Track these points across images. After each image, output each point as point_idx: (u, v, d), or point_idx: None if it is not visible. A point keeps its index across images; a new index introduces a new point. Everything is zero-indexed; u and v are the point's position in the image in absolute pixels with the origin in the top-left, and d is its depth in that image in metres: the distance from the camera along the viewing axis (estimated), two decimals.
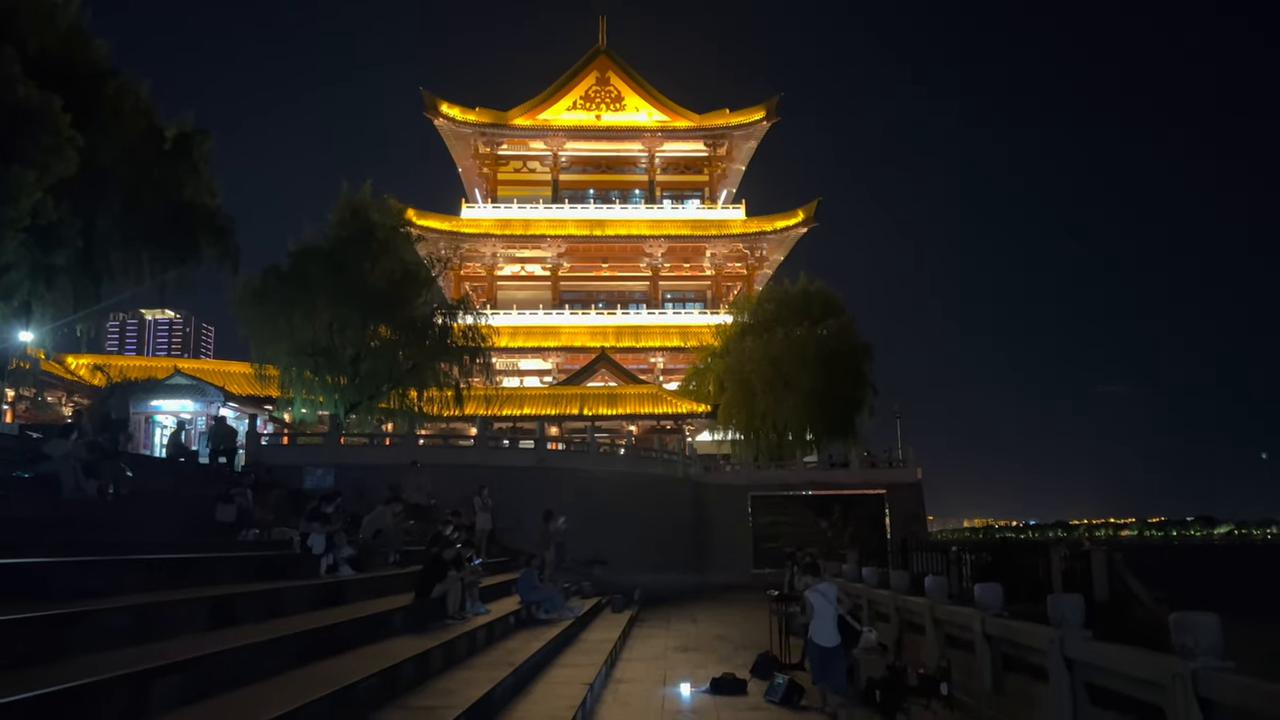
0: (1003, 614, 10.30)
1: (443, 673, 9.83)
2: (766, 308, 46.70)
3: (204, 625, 8.25)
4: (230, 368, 38.15)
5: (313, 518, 13.34)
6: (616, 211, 61.95)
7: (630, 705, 11.55)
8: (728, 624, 21.58)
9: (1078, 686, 7.88)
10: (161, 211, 24.69)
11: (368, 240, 31.65)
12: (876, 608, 15.27)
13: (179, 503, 16.51)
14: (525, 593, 16.49)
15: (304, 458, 27.05)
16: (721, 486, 38.62)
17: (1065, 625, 8.10)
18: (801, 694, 11.55)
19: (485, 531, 21.26)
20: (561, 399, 46.14)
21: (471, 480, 22.85)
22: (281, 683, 7.33)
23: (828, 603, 11.02)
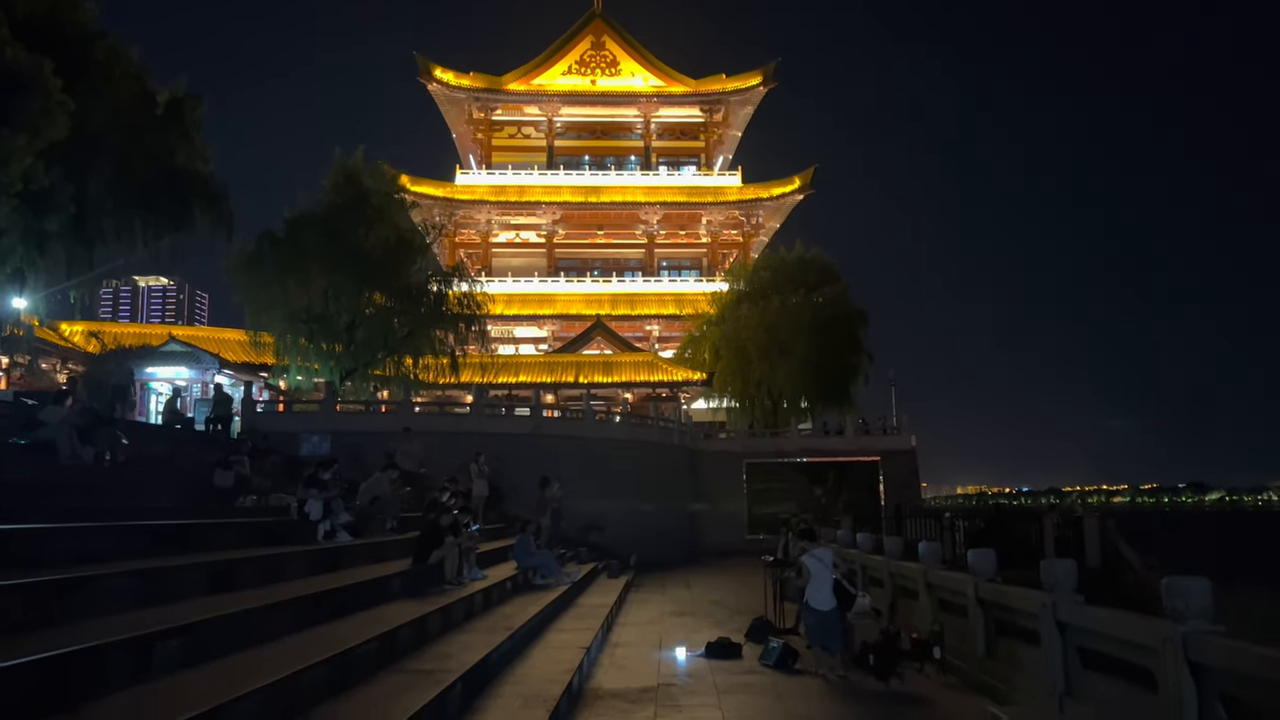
0: (996, 579, 10.39)
1: (440, 637, 9.92)
2: (762, 275, 46.61)
3: (203, 590, 8.30)
4: (225, 335, 38.00)
5: (310, 484, 13.38)
6: (612, 178, 61.60)
7: (627, 669, 11.67)
8: (722, 589, 21.76)
9: (1070, 650, 7.96)
10: (154, 177, 24.50)
11: (362, 207, 31.44)
12: (870, 573, 15.39)
13: (176, 469, 16.52)
14: (521, 558, 16.60)
15: (300, 424, 27.01)
16: (717, 453, 38.82)
17: (1058, 590, 8.17)
18: (795, 658, 11.67)
19: (482, 498, 21.33)
20: (557, 367, 46.13)
21: (467, 447, 22.90)
22: (281, 646, 7.39)
23: (824, 567, 11.12)
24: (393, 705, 6.60)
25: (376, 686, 7.35)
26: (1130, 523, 29.66)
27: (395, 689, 7.26)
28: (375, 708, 6.59)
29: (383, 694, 7.09)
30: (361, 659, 7.70)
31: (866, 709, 9.42)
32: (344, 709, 6.58)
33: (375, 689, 7.27)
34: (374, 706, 6.63)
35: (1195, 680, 6.06)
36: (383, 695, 7.03)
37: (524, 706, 8.00)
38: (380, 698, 6.95)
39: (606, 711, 9.24)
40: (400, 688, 7.31)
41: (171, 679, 5.98)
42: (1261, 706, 5.65)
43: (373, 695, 7.06)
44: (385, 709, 6.51)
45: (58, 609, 6.39)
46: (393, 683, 7.55)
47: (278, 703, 6.07)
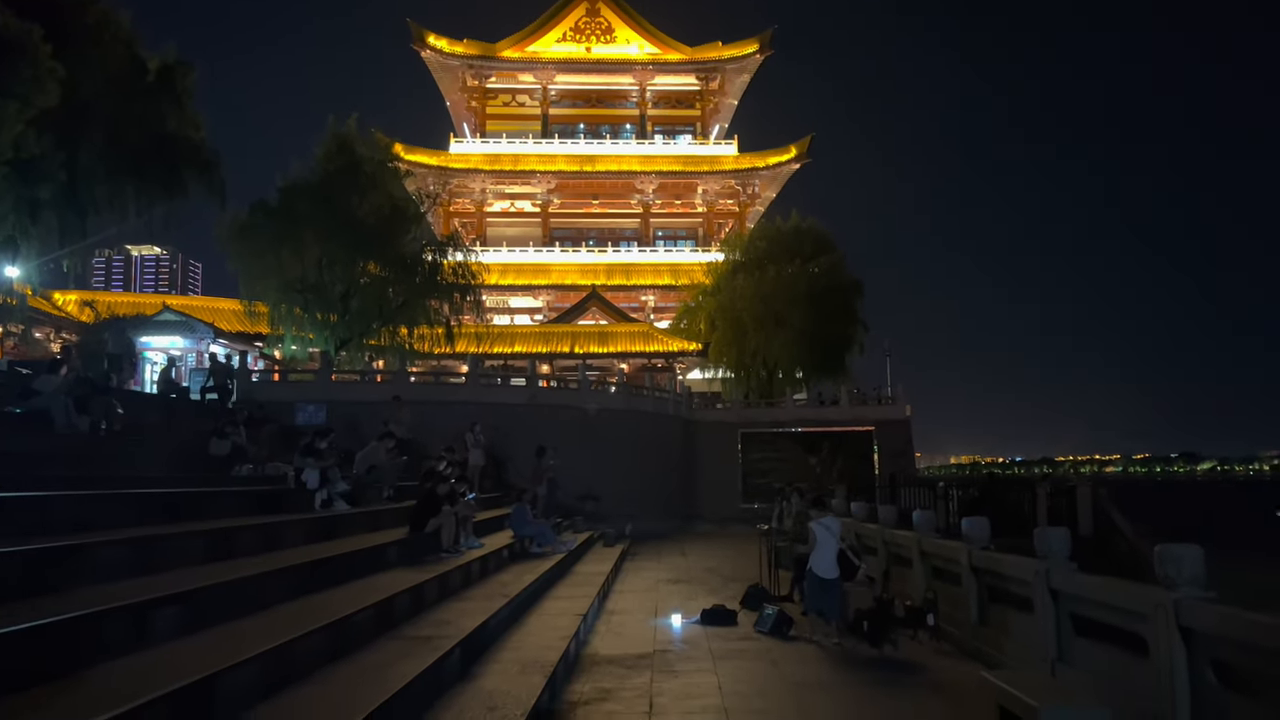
0: (989, 547, 10.46)
1: (438, 604, 9.97)
2: (758, 245, 46.49)
3: (201, 558, 8.32)
4: (220, 304, 37.91)
5: (306, 453, 13.39)
6: (607, 147, 61.25)
7: (623, 635, 11.76)
8: (717, 557, 21.90)
9: (1062, 617, 8.04)
10: (146, 145, 24.33)
11: (355, 175, 31.25)
12: (865, 541, 15.47)
13: (172, 438, 16.50)
14: (518, 527, 16.67)
15: (295, 394, 27.05)
16: (712, 423, 38.91)
17: (1051, 558, 8.23)
18: (790, 624, 11.77)
19: (478, 467, 21.36)
20: (553, 337, 46.11)
21: (463, 417, 22.90)
22: (279, 614, 7.43)
23: (831, 536, 11.19)
24: (391, 671, 6.65)
25: (375, 653, 7.40)
26: (1122, 492, 29.86)
27: (393, 655, 7.30)
28: (374, 673, 6.63)
29: (381, 660, 7.13)
30: (359, 626, 7.74)
31: (860, 675, 9.50)
32: (343, 674, 6.62)
33: (374, 655, 7.31)
34: (372, 672, 6.68)
35: (1186, 646, 6.13)
36: (381, 661, 7.08)
37: (522, 672, 8.07)
38: (379, 664, 6.99)
39: (604, 677, 9.32)
40: (398, 654, 7.35)
41: (170, 646, 6.01)
42: (1252, 672, 5.72)
43: (371, 661, 7.11)
44: (384, 675, 6.56)
45: (54, 576, 6.40)
46: (391, 649, 7.59)
47: (277, 669, 6.11)
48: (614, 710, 8.01)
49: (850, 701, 8.39)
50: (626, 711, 7.95)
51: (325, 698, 6.04)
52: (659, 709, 8.03)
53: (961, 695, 8.27)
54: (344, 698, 5.98)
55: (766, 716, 7.76)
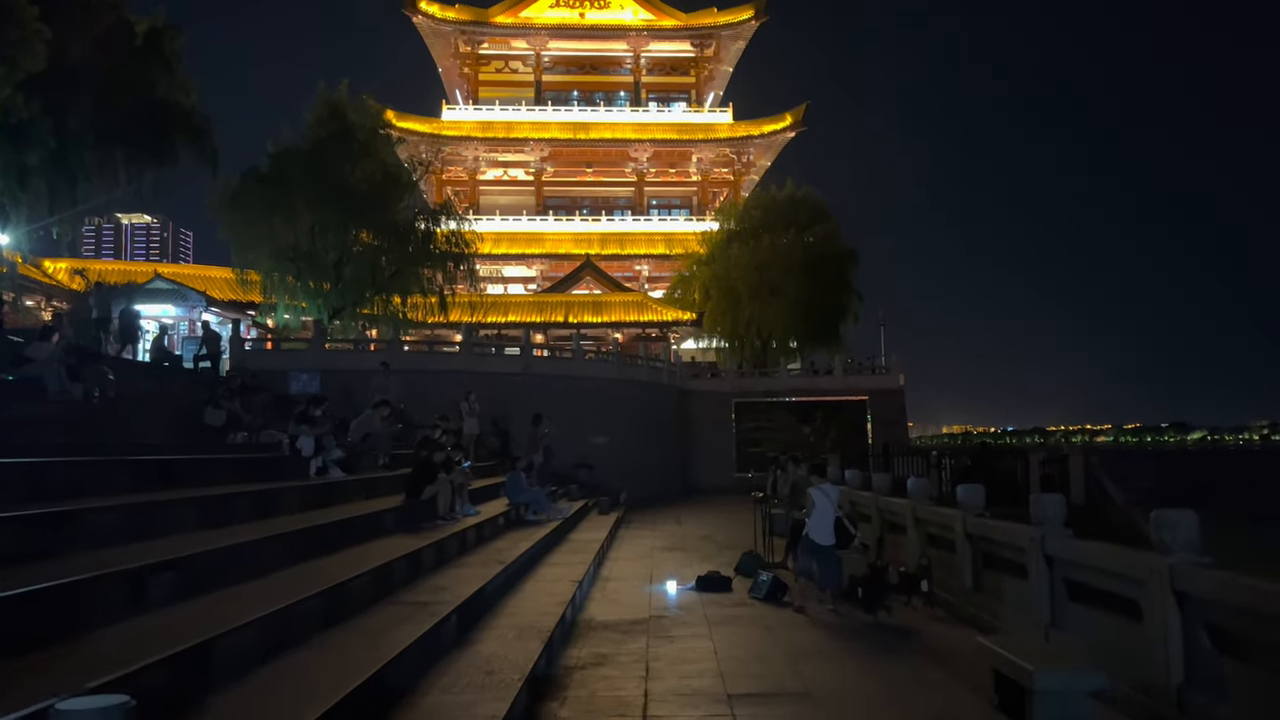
0: (984, 514, 10.50)
1: (435, 570, 9.98)
2: (753, 214, 46.33)
3: (196, 524, 8.29)
4: (212, 273, 37.67)
5: (301, 420, 13.34)
6: (601, 114, 60.74)
7: (618, 601, 11.81)
8: (712, 525, 21.99)
9: (1056, 582, 8.08)
10: (135, 111, 24.03)
11: (347, 141, 30.94)
12: (859, 509, 15.52)
13: (165, 406, 16.42)
14: (513, 495, 16.69)
15: (288, 363, 26.96)
16: (706, 393, 39.00)
17: (1046, 524, 8.26)
18: (785, 591, 11.82)
19: (473, 436, 21.38)
20: (546, 306, 45.99)
21: (456, 386, 22.87)
22: (276, 579, 7.42)
23: (829, 503, 11.21)
24: (389, 636, 6.66)
25: (372, 618, 7.41)
26: (1113, 461, 30.03)
27: (391, 620, 7.32)
28: (371, 638, 6.63)
29: (378, 625, 7.14)
30: (356, 592, 7.75)
31: (855, 640, 9.56)
32: (340, 639, 6.63)
33: (371, 620, 7.32)
34: (370, 637, 6.68)
35: (1181, 611, 6.16)
36: (379, 626, 7.09)
37: (519, 637, 8.09)
38: (376, 629, 7.00)
39: (600, 643, 9.36)
40: (396, 619, 7.37)
41: (166, 611, 5.99)
42: (1247, 636, 5.75)
43: (369, 626, 7.12)
44: (381, 640, 6.56)
45: (49, 542, 6.37)
46: (388, 614, 7.61)
47: (274, 634, 6.11)
48: (610, 675, 8.05)
49: (846, 666, 8.45)
50: (623, 676, 7.99)
51: (323, 662, 6.05)
52: (655, 673, 8.08)
53: (956, 660, 8.33)
54: (342, 662, 5.98)
55: (763, 681, 7.80)
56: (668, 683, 7.74)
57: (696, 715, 6.82)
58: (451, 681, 6.68)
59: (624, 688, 7.59)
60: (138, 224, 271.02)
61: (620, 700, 7.22)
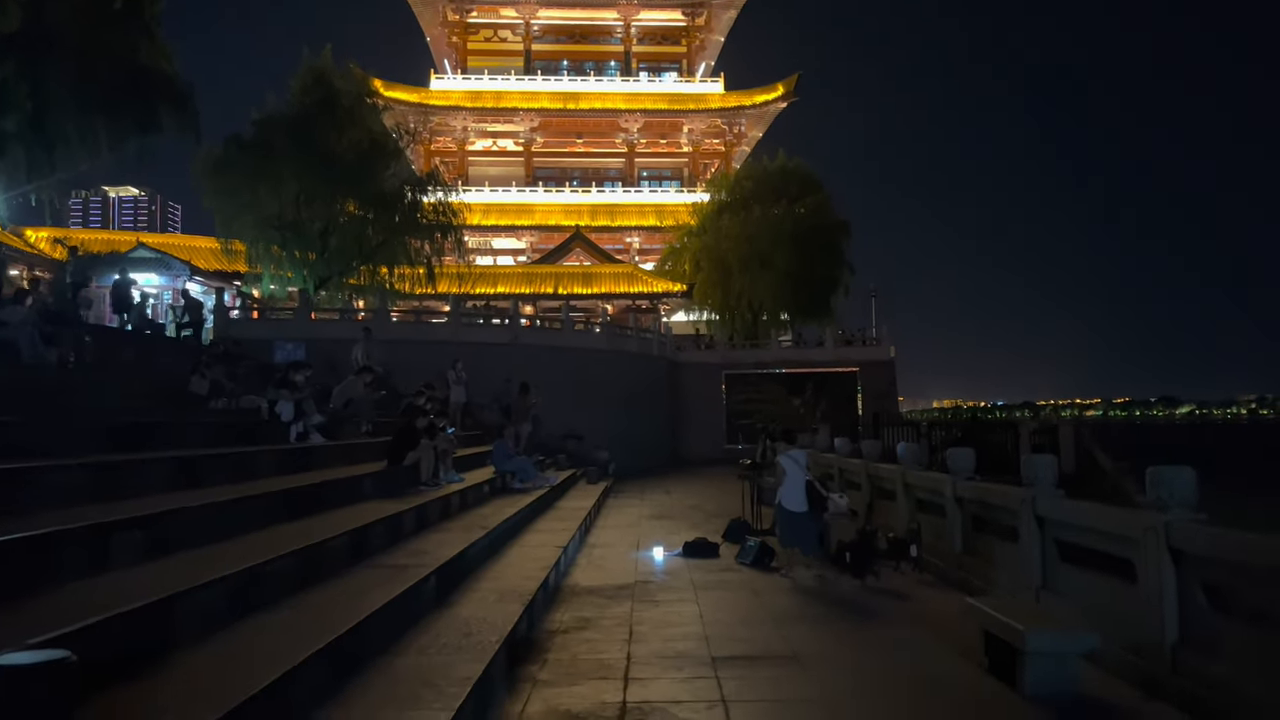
0: (974, 477, 10.36)
1: (415, 535, 9.80)
2: (744, 185, 45.96)
3: (166, 486, 8.08)
4: (197, 242, 37.17)
5: (280, 385, 13.09)
6: (591, 84, 60.07)
7: (604, 567, 11.67)
8: (701, 495, 21.88)
9: (1048, 544, 7.92)
10: (116, 77, 23.52)
11: (332, 109, 30.48)
12: (848, 476, 15.42)
13: (145, 373, 16.17)
14: (499, 463, 16.50)
15: (274, 332, 26.69)
16: (696, 365, 38.85)
17: (1038, 485, 8.10)
18: (772, 556, 11.69)
19: (459, 405, 21.17)
20: (536, 278, 45.63)
21: (443, 357, 22.61)
22: (248, 540, 7.22)
23: (798, 468, 11.03)
24: (364, 597, 6.46)
25: (348, 580, 7.22)
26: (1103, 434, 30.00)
27: (368, 582, 7.13)
28: (346, 599, 6.44)
29: (354, 587, 6.96)
30: (332, 553, 7.56)
31: (842, 604, 9.43)
32: (313, 600, 6.44)
33: (347, 582, 7.14)
34: (345, 598, 6.49)
35: (1176, 569, 6.01)
36: (354, 588, 6.90)
37: (499, 600, 7.92)
38: (352, 590, 6.82)
39: (583, 607, 9.21)
40: (373, 582, 7.18)
41: (131, 570, 5.80)
42: (1243, 594, 5.60)
43: (344, 588, 6.93)
44: (356, 601, 6.36)
45: (10, 499, 6.16)
46: (365, 576, 7.42)
47: (243, 593, 5.92)
48: (593, 638, 7.89)
49: (833, 630, 8.30)
50: (606, 639, 7.83)
51: (294, 622, 5.86)
52: (639, 637, 7.92)
53: (945, 623, 8.19)
54: (313, 622, 5.79)
55: (748, 644, 7.65)
56: (651, 646, 7.59)
57: (680, 678, 6.66)
58: (428, 643, 6.51)
59: (606, 651, 7.43)
60: (125, 197, 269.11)
61: (602, 663, 7.06)
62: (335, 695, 5.22)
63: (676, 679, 6.62)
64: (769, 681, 6.59)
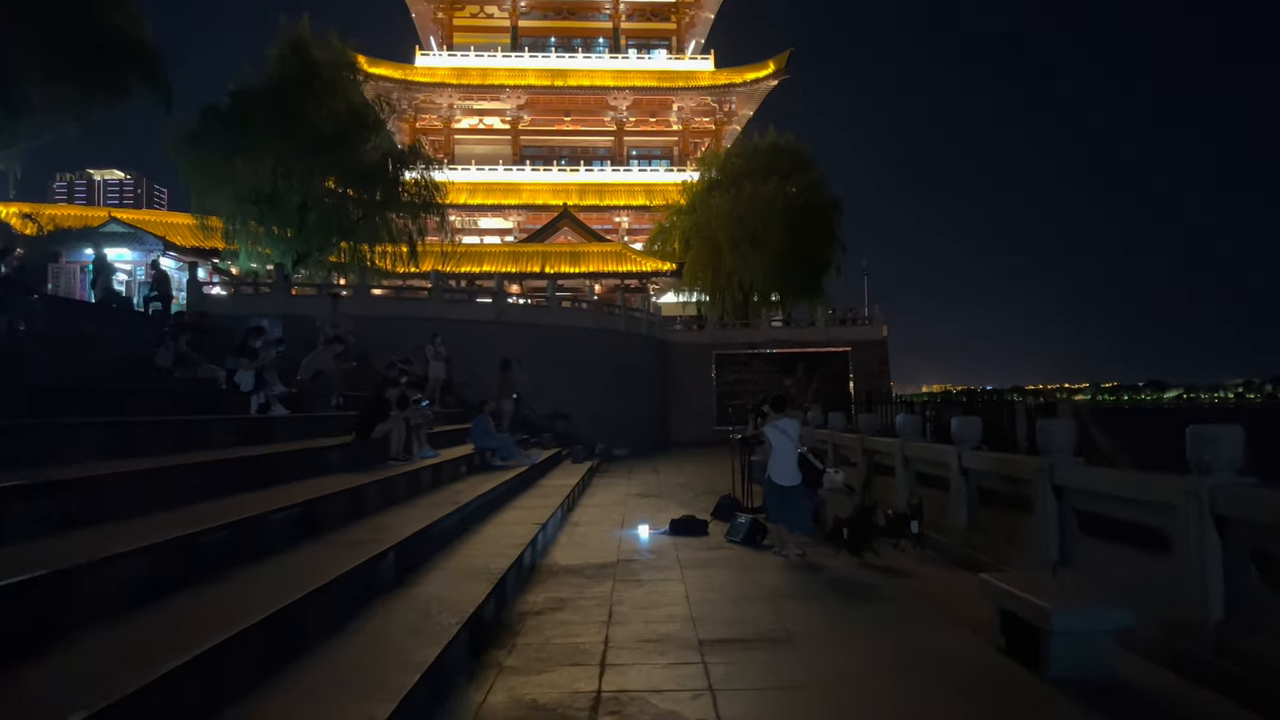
0: (980, 447, 9.69)
1: (380, 511, 9.08)
2: (735, 163, 45.05)
3: (100, 454, 7.34)
4: (173, 219, 36.15)
5: (240, 353, 12.32)
6: (579, 61, 58.95)
7: (586, 546, 10.98)
8: (690, 474, 21.26)
9: (1067, 516, 7.25)
10: (83, 43, 22.66)
11: (311, 80, 29.53)
12: (842, 452, 14.74)
13: (107, 345, 15.35)
14: (479, 440, 15.80)
15: (250, 308, 25.83)
16: (686, 345, 38.15)
17: (1056, 452, 7.43)
18: (764, 534, 11.01)
19: (439, 381, 20.39)
20: (522, 256, 44.76)
21: (426, 334, 21.82)
22: (189, 512, 6.50)
23: (788, 440, 10.32)
24: (309, 575, 5.75)
25: (294, 556, 6.52)
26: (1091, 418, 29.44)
27: (318, 558, 6.43)
28: (289, 575, 5.73)
29: (301, 564, 6.25)
30: (279, 527, 6.86)
31: (840, 583, 8.74)
32: (252, 575, 5.74)
33: (293, 559, 6.43)
34: (288, 574, 5.78)
35: (1222, 538, 5.33)
36: (301, 565, 6.19)
37: (466, 579, 7.22)
38: (298, 567, 6.11)
39: (561, 587, 8.52)
40: (324, 557, 6.48)
41: (32, 543, 5.07)
42: None
43: (290, 563, 6.24)
44: (301, 577, 5.66)
45: None
46: (317, 552, 6.72)
47: (169, 566, 5.23)
48: (568, 620, 7.19)
49: (831, 609, 7.61)
50: (583, 622, 7.13)
51: (224, 597, 5.16)
52: (619, 618, 7.22)
53: (953, 601, 7.53)
54: (248, 599, 5.08)
55: (739, 625, 6.96)
56: (632, 628, 6.89)
57: (663, 663, 5.96)
58: (380, 626, 5.81)
59: (582, 634, 6.73)
60: (110, 180, 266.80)
61: (576, 648, 6.36)
62: (261, 685, 4.51)
63: (659, 665, 5.93)
64: (761, 666, 5.90)
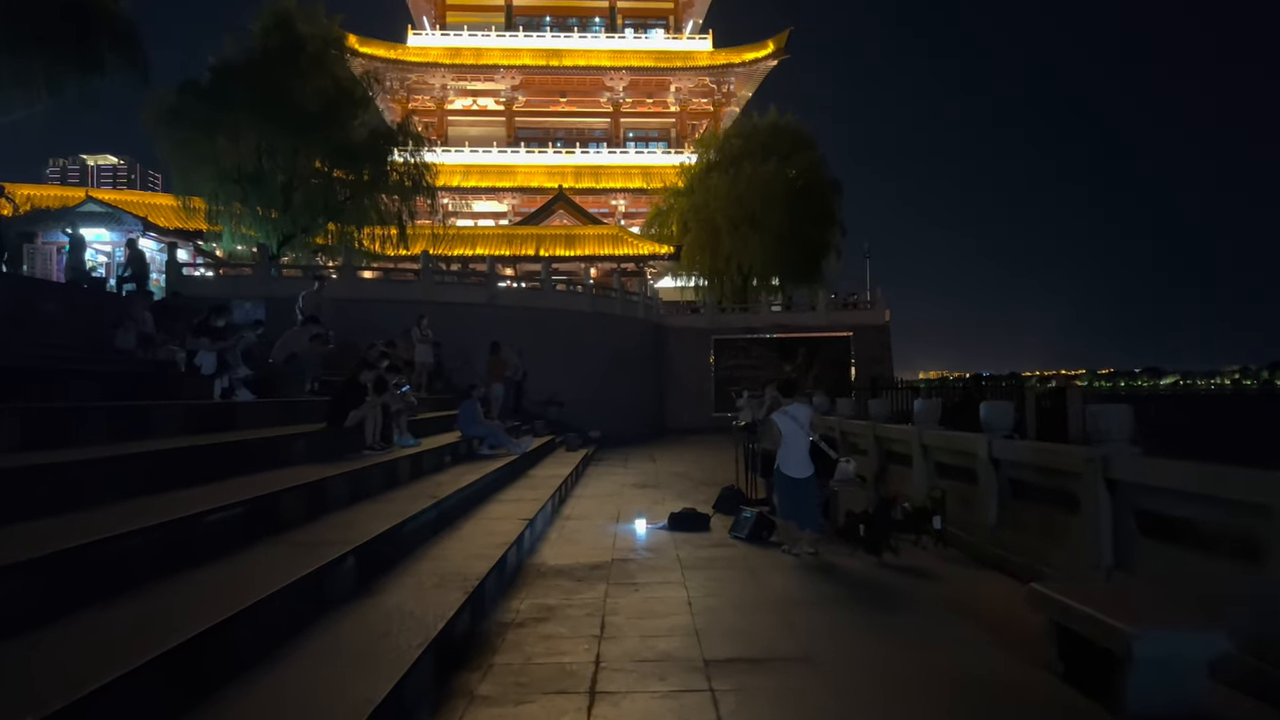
0: (1013, 436, 8.80)
1: (348, 506, 8.18)
2: (733, 143, 44.00)
3: (19, 444, 6.43)
4: (156, 199, 35.12)
5: (200, 332, 11.39)
6: (575, 41, 57.72)
7: (577, 543, 10.08)
8: (688, 462, 20.37)
9: (1123, 514, 6.36)
10: (53, 12, 21.60)
11: (296, 54, 28.47)
12: (851, 440, 13.87)
13: (65, 327, 14.42)
14: (466, 427, 14.89)
15: (231, 290, 24.93)
16: (684, 329, 37.27)
17: (1109, 441, 6.53)
18: (771, 529, 10.12)
19: (426, 365, 19.46)
20: (516, 239, 43.72)
21: (414, 318, 20.89)
22: (123, 509, 5.62)
23: (799, 427, 9.39)
24: (251, 585, 4.87)
25: (237, 561, 5.62)
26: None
27: (263, 565, 5.54)
28: (222, 589, 4.85)
29: (242, 571, 5.37)
30: (222, 527, 5.95)
31: (859, 587, 7.84)
32: (176, 587, 4.84)
33: (234, 565, 5.54)
34: (221, 587, 4.90)
35: None
36: (242, 573, 5.32)
37: (438, 586, 6.32)
38: (237, 576, 5.23)
39: (548, 591, 7.62)
40: (270, 562, 5.60)
41: None
42: None
43: (227, 572, 5.34)
44: (236, 590, 4.78)
45: None
46: (263, 556, 5.82)
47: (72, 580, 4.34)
48: (555, 633, 6.29)
49: (853, 621, 6.71)
50: (571, 635, 6.23)
51: (134, 618, 4.26)
52: (613, 631, 6.32)
53: (986, 611, 6.66)
54: (163, 618, 4.21)
55: (750, 641, 6.08)
56: (627, 644, 5.99)
57: (663, 690, 5.06)
58: (329, 646, 4.90)
59: (569, 651, 5.83)
60: (104, 166, 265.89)
61: (562, 669, 5.46)
62: None
63: (658, 692, 5.03)
64: (778, 695, 5.01)
